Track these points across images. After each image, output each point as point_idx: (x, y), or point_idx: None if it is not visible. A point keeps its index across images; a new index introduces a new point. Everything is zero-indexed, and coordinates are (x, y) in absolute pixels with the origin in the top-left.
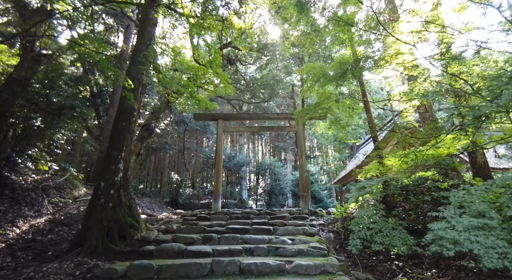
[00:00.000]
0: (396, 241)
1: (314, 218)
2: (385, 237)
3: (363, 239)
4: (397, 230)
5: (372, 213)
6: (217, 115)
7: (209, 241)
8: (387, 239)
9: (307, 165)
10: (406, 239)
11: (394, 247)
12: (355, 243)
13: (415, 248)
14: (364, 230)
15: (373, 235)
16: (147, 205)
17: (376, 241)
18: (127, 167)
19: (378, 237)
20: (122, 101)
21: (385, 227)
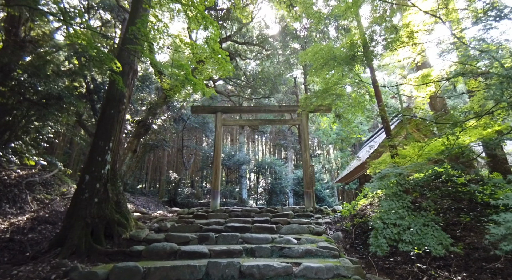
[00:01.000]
0: (429, 240)
1: (320, 216)
2: (415, 235)
3: (389, 238)
4: (429, 227)
5: (398, 206)
6: (215, 108)
7: (206, 241)
8: (418, 238)
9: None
10: (441, 238)
11: (425, 247)
12: (379, 243)
13: (452, 248)
14: (390, 227)
15: (401, 233)
16: (143, 204)
17: (404, 240)
18: (115, 159)
19: (406, 235)
20: (111, 86)
21: (414, 223)
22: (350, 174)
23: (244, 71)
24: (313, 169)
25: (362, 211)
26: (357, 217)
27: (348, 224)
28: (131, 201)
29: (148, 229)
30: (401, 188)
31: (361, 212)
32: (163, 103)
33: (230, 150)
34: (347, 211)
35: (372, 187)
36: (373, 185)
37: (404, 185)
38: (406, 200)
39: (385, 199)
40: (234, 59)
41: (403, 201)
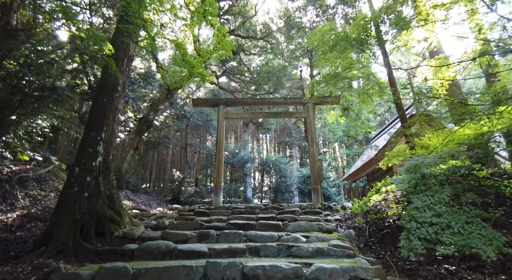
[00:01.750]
0: (475, 241)
1: (329, 213)
2: (457, 235)
3: (424, 239)
4: (474, 224)
5: (434, 201)
6: (218, 100)
7: (206, 239)
8: (461, 238)
9: None
10: (490, 237)
11: (472, 249)
12: (413, 245)
13: (507, 249)
14: (425, 226)
15: (439, 233)
16: (144, 202)
17: (444, 241)
18: (108, 150)
19: (446, 235)
20: (104, 73)
21: (455, 221)
22: (358, 171)
23: (248, 66)
24: (321, 163)
25: (376, 207)
26: (371, 214)
27: (361, 221)
28: (131, 198)
29: (145, 227)
30: (436, 180)
31: (374, 209)
32: (165, 100)
33: (234, 148)
34: (358, 207)
35: (400, 182)
36: (401, 179)
37: (439, 177)
38: (444, 194)
39: (416, 194)
40: (238, 54)
41: (440, 196)
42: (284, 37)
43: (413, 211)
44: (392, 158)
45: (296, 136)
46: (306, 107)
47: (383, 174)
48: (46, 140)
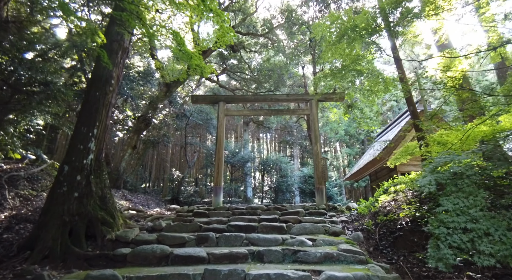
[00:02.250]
0: None
1: (334, 214)
2: (499, 243)
3: (457, 247)
4: None
5: (468, 205)
6: (218, 97)
7: (205, 242)
8: (503, 248)
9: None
10: None
11: None
12: (443, 254)
13: None
14: (457, 233)
15: (475, 241)
16: (142, 202)
17: (482, 251)
18: (101, 147)
19: (484, 244)
20: (97, 66)
21: (495, 227)
22: (361, 171)
23: (248, 64)
24: (325, 162)
25: (385, 208)
26: (380, 215)
27: (370, 223)
28: (128, 198)
29: (140, 229)
30: (469, 181)
31: (383, 210)
32: (164, 97)
33: (235, 148)
34: (365, 208)
35: (427, 184)
36: (427, 180)
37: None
38: (479, 196)
39: (445, 196)
40: (238, 51)
41: (475, 198)
42: (286, 34)
43: (442, 215)
44: (401, 156)
45: (297, 135)
46: (310, 104)
47: (386, 173)
48: (44, 139)
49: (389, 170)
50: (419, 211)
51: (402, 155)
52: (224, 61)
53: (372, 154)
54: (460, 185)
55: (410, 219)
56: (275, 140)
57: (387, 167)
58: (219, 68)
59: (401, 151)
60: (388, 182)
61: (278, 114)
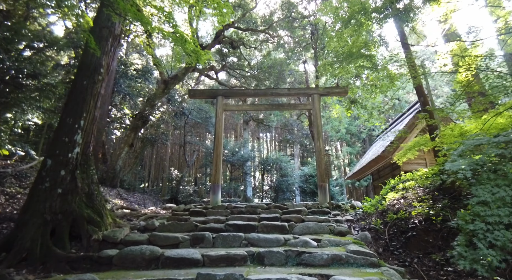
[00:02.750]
0: None
1: (338, 213)
2: None
3: (500, 247)
4: None
5: None
6: (216, 91)
7: (200, 243)
8: None
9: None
10: None
11: None
12: (482, 255)
13: None
14: (499, 229)
15: None
16: (138, 201)
17: None
18: (88, 141)
19: None
20: (85, 53)
21: None
22: (363, 169)
23: (248, 61)
24: (328, 158)
25: (393, 207)
26: (390, 213)
27: (378, 222)
28: (124, 197)
29: (132, 228)
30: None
31: (392, 208)
32: (162, 94)
33: (234, 146)
34: (371, 206)
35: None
36: (457, 165)
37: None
38: None
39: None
40: (238, 48)
41: None
42: (287, 28)
43: (477, 208)
44: (409, 151)
45: (298, 133)
46: (312, 98)
47: (389, 172)
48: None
49: (392, 169)
50: (432, 208)
51: (410, 149)
52: (224, 58)
53: (376, 152)
54: (501, 171)
55: (423, 217)
56: (275, 139)
57: (390, 166)
58: (218, 65)
59: (409, 146)
60: (395, 179)
61: (279, 109)
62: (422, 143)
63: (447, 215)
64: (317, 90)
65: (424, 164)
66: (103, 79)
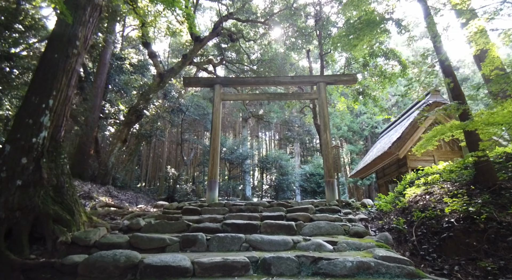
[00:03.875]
0: None
1: (350, 211)
2: None
3: None
4: None
5: None
6: (213, 79)
7: (192, 246)
8: None
9: (317, 159)
10: None
11: None
12: None
13: None
14: None
15: None
16: (129, 199)
17: None
18: (59, 124)
19: None
20: (58, 23)
21: None
22: (368, 167)
23: (248, 54)
24: (338, 151)
25: (417, 203)
26: (415, 211)
27: (400, 221)
28: (114, 195)
29: (112, 228)
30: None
31: (415, 205)
32: (157, 88)
33: (233, 144)
34: (387, 204)
35: None
36: None
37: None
38: None
39: None
40: (237, 40)
41: None
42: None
43: None
44: (428, 142)
45: (298, 130)
46: (318, 87)
47: (395, 170)
48: None
49: (399, 166)
50: (471, 205)
51: (430, 139)
52: (222, 52)
53: (381, 149)
54: None
55: (460, 215)
56: (274, 137)
57: (396, 163)
58: (216, 60)
59: (429, 135)
60: (411, 174)
61: (282, 99)
62: (445, 130)
63: (491, 213)
64: (323, 78)
65: (432, 160)
66: (79, 53)
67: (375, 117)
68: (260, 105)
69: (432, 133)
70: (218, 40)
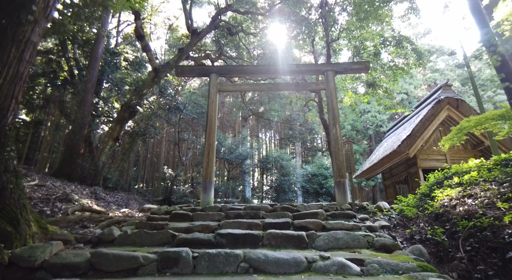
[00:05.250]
0: None
1: (366, 217)
2: None
3: None
4: None
5: None
6: (209, 68)
7: (173, 266)
8: None
9: (319, 159)
10: None
11: None
12: None
13: None
14: None
15: None
16: (118, 201)
17: None
18: (5, 108)
19: None
20: None
21: None
22: (374, 167)
23: (248, 48)
24: (351, 147)
25: (454, 208)
26: (456, 218)
27: (438, 231)
28: (100, 197)
29: (77, 240)
30: None
31: (452, 210)
32: (152, 83)
33: (232, 144)
34: (411, 208)
35: None
36: None
37: None
38: None
39: None
40: (236, 34)
41: None
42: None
43: None
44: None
45: (300, 128)
46: (325, 76)
47: (404, 170)
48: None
49: (407, 166)
50: None
51: (459, 132)
52: (221, 47)
53: (389, 147)
54: None
55: None
56: (275, 137)
57: (405, 163)
58: (214, 55)
59: (458, 128)
60: (437, 173)
61: (286, 89)
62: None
63: None
64: (332, 66)
65: (444, 160)
66: (36, 21)
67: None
68: (261, 104)
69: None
70: (216, 35)
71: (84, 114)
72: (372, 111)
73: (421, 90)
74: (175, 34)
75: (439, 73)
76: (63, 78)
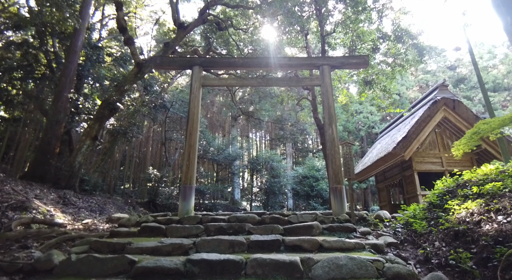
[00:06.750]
0: None
1: (369, 231)
2: None
3: None
4: None
5: None
6: (191, 60)
7: None
8: None
9: (310, 160)
10: None
11: None
12: None
13: None
14: None
15: None
16: (92, 207)
17: None
18: None
19: None
20: None
21: None
22: (367, 170)
23: (238, 44)
24: (350, 149)
25: (479, 225)
26: (485, 239)
27: (463, 256)
28: (69, 202)
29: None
30: None
31: (477, 228)
32: (135, 79)
33: (221, 144)
34: (420, 222)
35: None
36: None
37: None
38: None
39: None
40: (226, 30)
41: None
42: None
43: None
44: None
45: (291, 129)
46: (321, 71)
47: (398, 173)
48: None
49: (402, 169)
50: None
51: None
52: (209, 42)
53: (383, 149)
54: None
55: None
56: (265, 138)
57: (400, 165)
58: (202, 50)
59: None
60: (447, 180)
61: (277, 85)
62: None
63: None
64: (328, 60)
65: (440, 163)
66: None
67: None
68: (251, 103)
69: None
70: (205, 30)
71: (59, 110)
72: (364, 112)
73: (413, 92)
74: (162, 29)
75: (430, 74)
76: (41, 72)
